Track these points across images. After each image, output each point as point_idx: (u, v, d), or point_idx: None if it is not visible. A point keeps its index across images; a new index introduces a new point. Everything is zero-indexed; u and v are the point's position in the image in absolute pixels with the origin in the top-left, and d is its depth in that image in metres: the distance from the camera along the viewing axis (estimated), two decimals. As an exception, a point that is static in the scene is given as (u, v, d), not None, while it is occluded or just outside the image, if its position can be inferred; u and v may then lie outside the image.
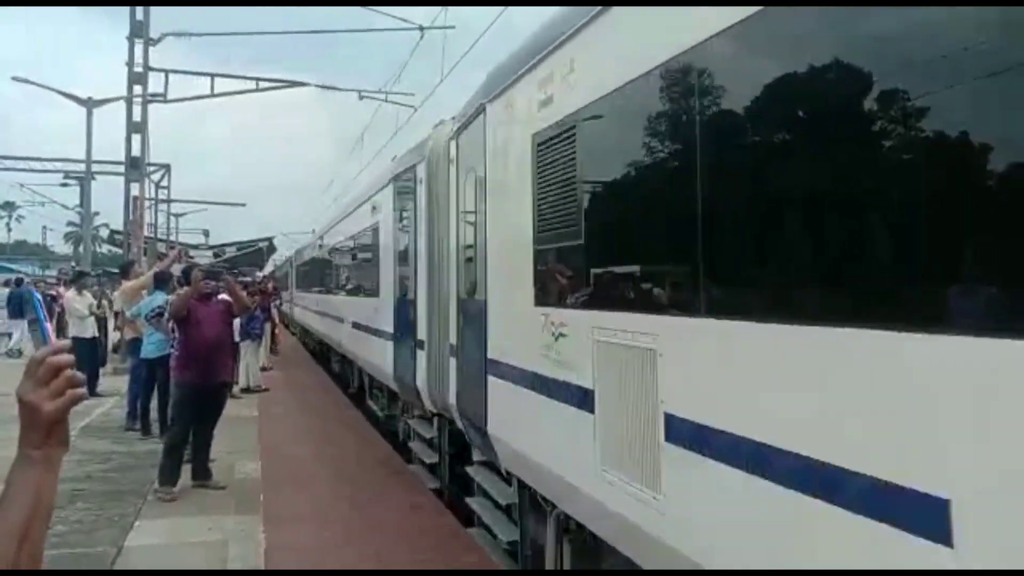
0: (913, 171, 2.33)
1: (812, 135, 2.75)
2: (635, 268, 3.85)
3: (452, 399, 7.10)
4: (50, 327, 1.62)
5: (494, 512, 6.52)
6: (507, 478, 6.07)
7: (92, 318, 14.56)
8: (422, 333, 8.38)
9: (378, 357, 10.94)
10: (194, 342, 8.15)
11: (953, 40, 2.14)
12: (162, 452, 8.14)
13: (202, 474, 8.31)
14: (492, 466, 6.51)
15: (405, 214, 9.44)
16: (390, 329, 9.96)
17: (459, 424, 7.11)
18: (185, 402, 8.18)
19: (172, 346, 8.87)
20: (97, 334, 15.04)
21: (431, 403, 8.30)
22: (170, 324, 9.00)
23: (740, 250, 3.05)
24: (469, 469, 7.17)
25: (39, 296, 1.77)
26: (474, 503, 6.98)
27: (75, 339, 13.81)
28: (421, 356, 8.39)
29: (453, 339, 7.03)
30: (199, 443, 8.34)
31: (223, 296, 8.67)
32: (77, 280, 15.34)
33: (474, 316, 6.19)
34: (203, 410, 8.32)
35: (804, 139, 2.79)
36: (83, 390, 1.44)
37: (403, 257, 9.46)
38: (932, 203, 2.28)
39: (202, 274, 8.63)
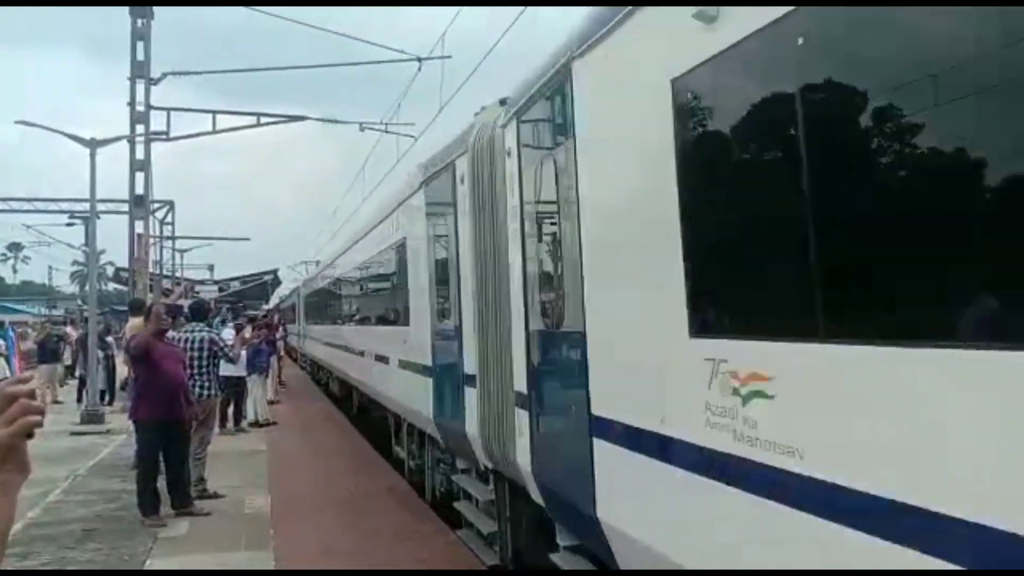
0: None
1: None
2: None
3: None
4: (17, 362, 1.67)
5: None
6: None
7: (2, 359, 14.75)
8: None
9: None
10: (157, 379, 8.26)
11: None
12: (138, 489, 8.34)
13: (182, 503, 8.45)
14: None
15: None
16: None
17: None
18: (147, 442, 8.40)
19: (123, 387, 9.10)
20: (8, 374, 15.09)
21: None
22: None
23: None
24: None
25: (12, 334, 1.84)
26: None
27: None
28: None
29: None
30: (173, 476, 8.45)
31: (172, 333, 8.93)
32: None
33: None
34: (169, 445, 8.38)
35: None
36: (37, 418, 1.46)
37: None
38: None
39: (163, 308, 8.74)
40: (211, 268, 50.50)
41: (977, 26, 2.14)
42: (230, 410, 14.48)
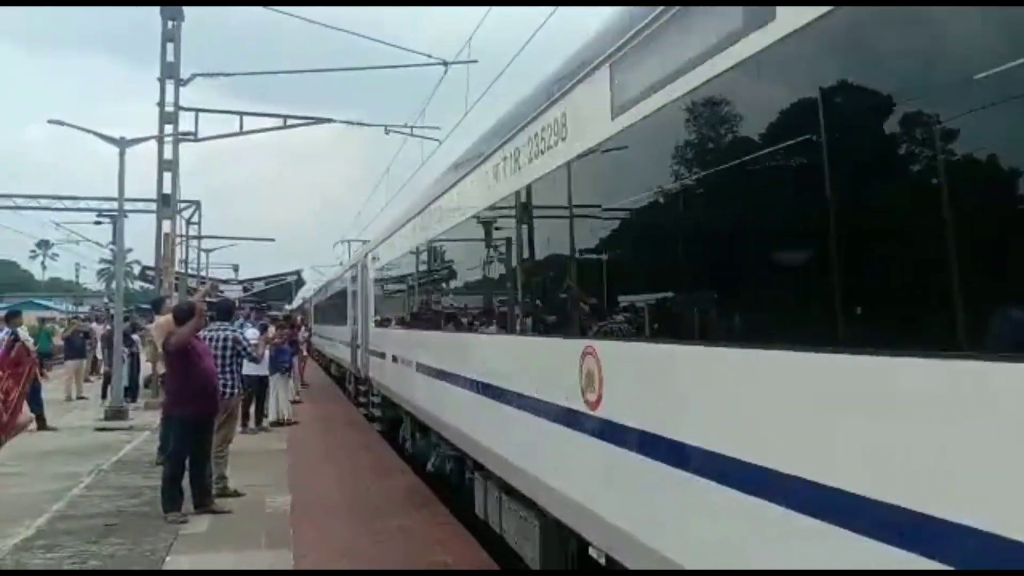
0: None
1: None
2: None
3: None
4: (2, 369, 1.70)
5: None
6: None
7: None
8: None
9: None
10: (196, 374, 8.39)
11: None
12: (163, 485, 8.44)
13: (203, 500, 8.53)
14: None
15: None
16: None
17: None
18: (183, 436, 8.47)
19: (147, 383, 9.14)
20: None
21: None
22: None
23: None
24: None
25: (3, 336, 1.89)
26: None
27: None
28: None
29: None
30: (196, 473, 8.52)
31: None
32: (10, 319, 15.74)
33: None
34: (202, 440, 8.52)
35: None
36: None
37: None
38: None
39: (206, 305, 8.81)
40: (236, 268, 50.94)
41: None
42: (252, 409, 14.58)
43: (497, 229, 7.22)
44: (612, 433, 4.40)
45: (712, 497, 3.40)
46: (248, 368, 11.70)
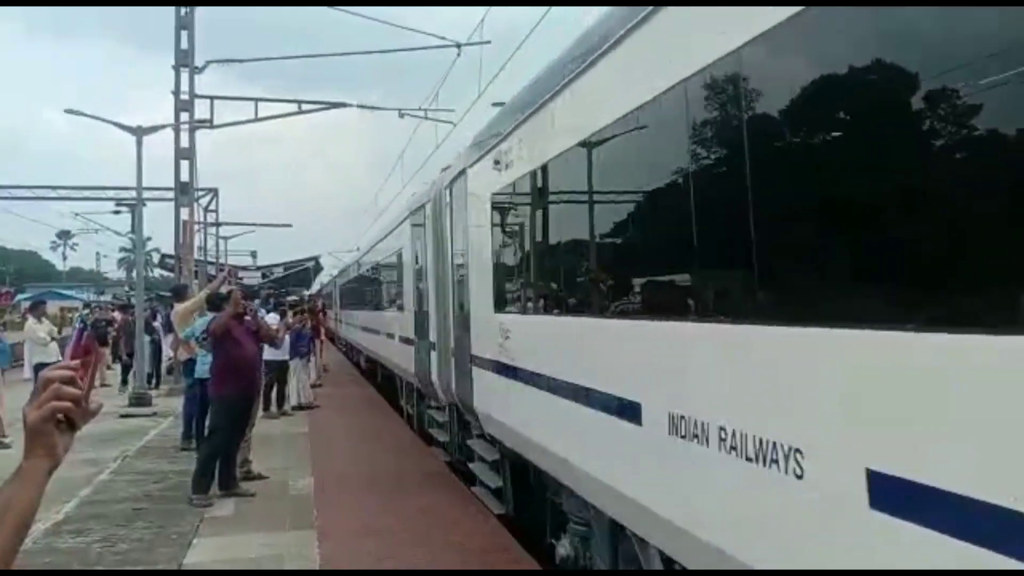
0: None
1: None
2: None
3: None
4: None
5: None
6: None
7: (55, 343, 15.24)
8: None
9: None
10: (235, 358, 8.59)
11: None
12: (198, 464, 8.61)
13: (229, 484, 8.68)
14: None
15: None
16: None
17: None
18: (226, 415, 8.62)
19: (169, 371, 9.37)
20: (60, 358, 15.51)
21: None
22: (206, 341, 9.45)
23: None
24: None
25: None
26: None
27: (40, 365, 14.37)
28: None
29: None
30: (226, 455, 8.69)
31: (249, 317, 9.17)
32: (34, 309, 15.92)
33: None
34: (240, 422, 8.77)
35: None
36: (66, 404, 1.45)
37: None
38: None
39: (241, 293, 9.04)
40: (254, 254, 51.12)
41: None
42: (273, 394, 14.73)
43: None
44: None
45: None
46: (268, 353, 11.81)
